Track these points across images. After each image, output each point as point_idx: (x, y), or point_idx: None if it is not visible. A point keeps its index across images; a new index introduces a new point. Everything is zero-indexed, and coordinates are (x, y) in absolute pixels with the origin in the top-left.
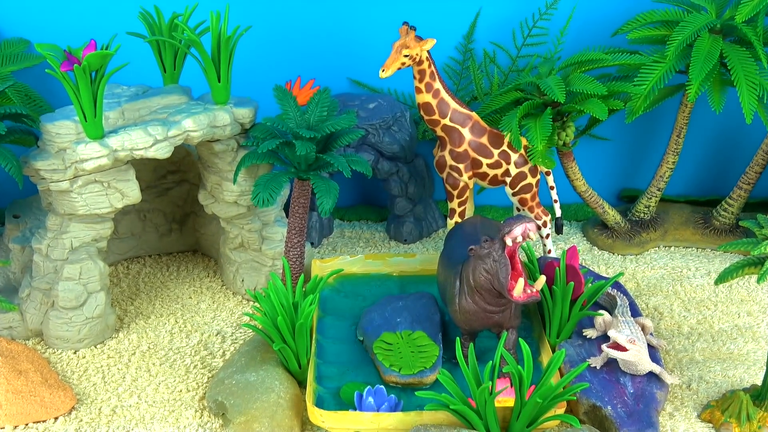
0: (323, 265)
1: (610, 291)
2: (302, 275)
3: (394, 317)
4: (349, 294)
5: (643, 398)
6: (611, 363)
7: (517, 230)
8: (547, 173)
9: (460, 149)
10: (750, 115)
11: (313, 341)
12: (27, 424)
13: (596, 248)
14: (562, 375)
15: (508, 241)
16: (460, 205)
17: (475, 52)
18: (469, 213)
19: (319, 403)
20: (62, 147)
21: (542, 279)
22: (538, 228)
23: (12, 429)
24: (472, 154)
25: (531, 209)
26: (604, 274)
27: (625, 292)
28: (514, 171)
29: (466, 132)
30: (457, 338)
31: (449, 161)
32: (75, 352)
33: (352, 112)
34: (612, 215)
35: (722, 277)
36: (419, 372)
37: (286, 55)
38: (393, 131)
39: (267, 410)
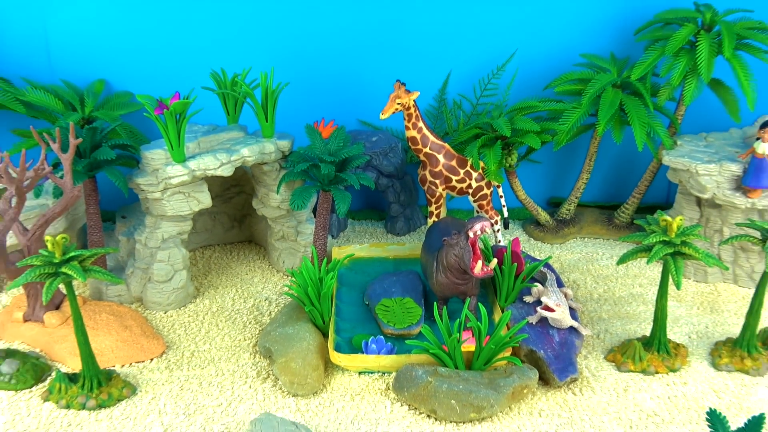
0: (340, 251)
1: (542, 269)
2: (325, 258)
3: (390, 288)
4: (359, 271)
5: (566, 345)
6: (543, 320)
7: (477, 226)
8: (498, 186)
9: (437, 169)
10: (641, 145)
11: (333, 305)
12: (131, 364)
13: (532, 239)
14: (508, 328)
15: (471, 234)
16: (436, 208)
17: (447, 101)
18: (443, 214)
19: (338, 349)
20: (156, 168)
21: (494, 261)
22: (492, 225)
23: (120, 367)
24: (445, 173)
25: (486, 212)
26: (538, 257)
27: (552, 270)
28: (474, 185)
29: (441, 157)
30: (435, 303)
31: (429, 178)
32: (165, 312)
33: (360, 143)
34: (543, 216)
35: (622, 260)
36: (408, 326)
37: (313, 102)
38: (389, 157)
39: (300, 353)
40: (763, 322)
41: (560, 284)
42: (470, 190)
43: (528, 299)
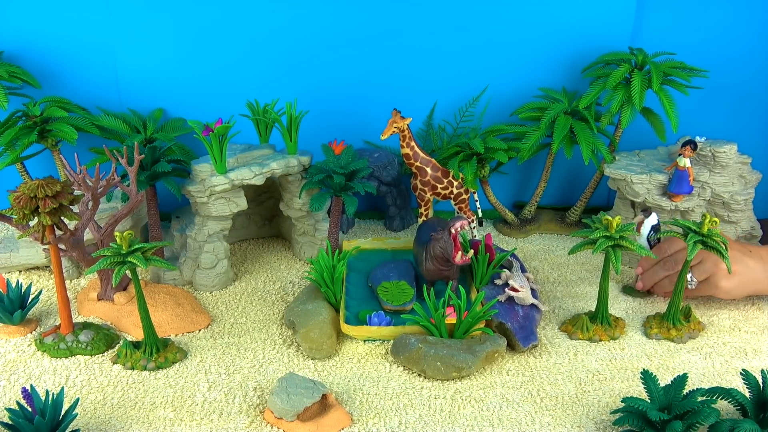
0: (349, 244)
1: (509, 258)
2: (337, 249)
3: (389, 273)
4: (364, 260)
5: (529, 318)
6: (510, 299)
7: (457, 224)
8: (474, 192)
9: (426, 179)
10: (587, 160)
11: (343, 286)
12: (183, 333)
13: (501, 234)
14: (482, 305)
15: (453, 231)
16: (425, 210)
17: (434, 125)
18: (431, 215)
19: (347, 321)
20: (203, 178)
21: (471, 252)
22: (469, 223)
23: (174, 336)
24: (432, 182)
25: (464, 212)
26: (506, 249)
27: (517, 259)
28: (455, 191)
29: (429, 170)
30: (424, 285)
31: (420, 186)
32: (210, 293)
33: (365, 158)
34: (510, 216)
35: (572, 250)
36: (403, 303)
37: (328, 126)
38: (388, 169)
39: (318, 325)
40: (684, 300)
41: (524, 270)
42: (452, 196)
43: (498, 282)
